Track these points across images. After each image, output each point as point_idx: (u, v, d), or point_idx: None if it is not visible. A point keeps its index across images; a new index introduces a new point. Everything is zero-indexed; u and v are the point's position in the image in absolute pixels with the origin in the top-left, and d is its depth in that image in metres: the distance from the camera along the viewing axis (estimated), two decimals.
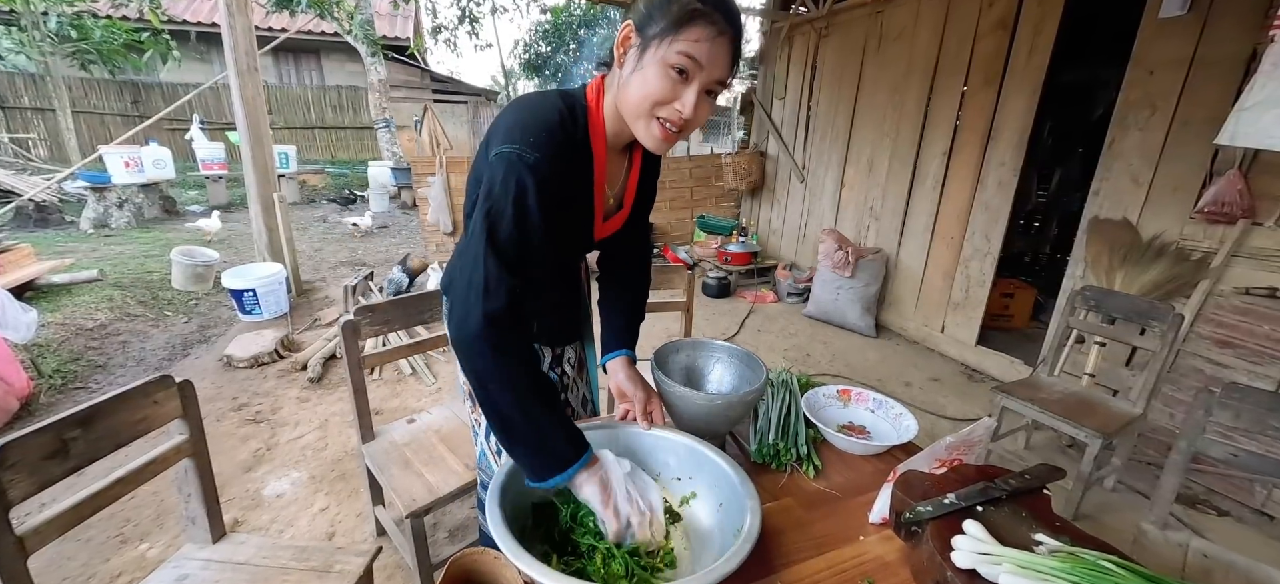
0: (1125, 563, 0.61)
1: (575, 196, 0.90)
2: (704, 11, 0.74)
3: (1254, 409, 1.25)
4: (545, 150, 0.79)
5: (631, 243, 1.13)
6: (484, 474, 1.22)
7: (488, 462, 1.19)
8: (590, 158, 0.89)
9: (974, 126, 3.21)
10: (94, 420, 0.91)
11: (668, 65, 0.76)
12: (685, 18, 0.74)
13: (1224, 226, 2.21)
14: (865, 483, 0.98)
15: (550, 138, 0.80)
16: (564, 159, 0.82)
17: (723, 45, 0.76)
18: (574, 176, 0.87)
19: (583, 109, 0.86)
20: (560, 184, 0.83)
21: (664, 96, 0.78)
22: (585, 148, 0.87)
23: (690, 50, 0.75)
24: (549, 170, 0.79)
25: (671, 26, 0.75)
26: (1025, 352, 3.17)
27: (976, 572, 0.62)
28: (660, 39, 0.75)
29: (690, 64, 0.75)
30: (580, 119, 0.86)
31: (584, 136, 0.87)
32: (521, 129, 0.80)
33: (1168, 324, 1.91)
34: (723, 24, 0.75)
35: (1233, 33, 2.15)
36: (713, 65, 0.77)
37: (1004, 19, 2.98)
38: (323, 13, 7.56)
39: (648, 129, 0.81)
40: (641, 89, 0.78)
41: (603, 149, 0.90)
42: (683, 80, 0.77)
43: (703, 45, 0.75)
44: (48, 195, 5.81)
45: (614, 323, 1.11)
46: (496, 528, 0.67)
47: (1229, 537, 1.97)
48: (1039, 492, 0.79)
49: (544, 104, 0.83)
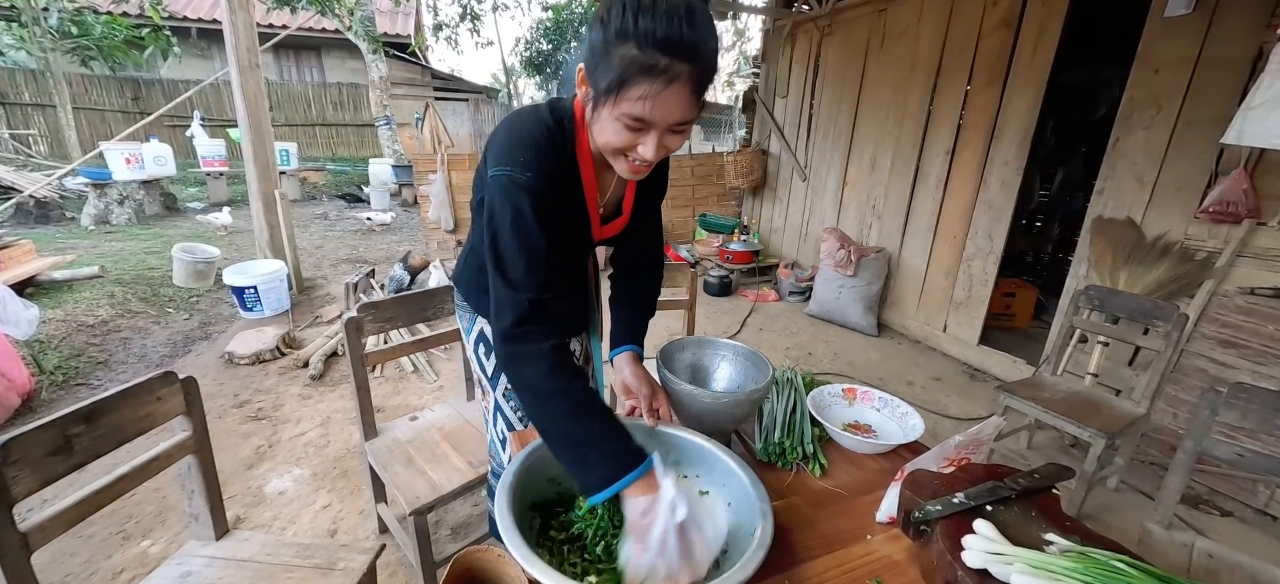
0: (1137, 562, 0.61)
1: (570, 206, 0.92)
2: (646, 64, 0.66)
3: (1260, 409, 1.24)
4: (535, 168, 0.81)
5: (643, 240, 1.12)
6: (494, 461, 1.22)
7: (496, 450, 1.19)
8: (578, 170, 0.90)
9: (977, 125, 3.21)
10: (97, 416, 0.90)
11: (619, 121, 0.73)
12: (626, 75, 0.68)
13: (1229, 226, 2.20)
14: (872, 482, 0.97)
15: (539, 155, 0.82)
16: (554, 172, 0.83)
17: (675, 91, 0.69)
18: (566, 187, 0.88)
19: (571, 122, 0.87)
20: (554, 196, 0.84)
21: (623, 145, 0.76)
22: (573, 161, 0.88)
23: (636, 111, 0.70)
24: (542, 186, 0.81)
25: (612, 87, 0.70)
26: (1027, 351, 3.16)
27: (988, 571, 0.62)
28: (607, 96, 0.72)
29: (639, 123, 0.72)
30: (568, 133, 0.86)
31: (571, 150, 0.87)
32: (512, 150, 0.82)
33: (1172, 324, 1.90)
34: (672, 67, 0.67)
35: (1238, 32, 2.14)
36: (667, 114, 0.71)
37: (1008, 17, 2.98)
38: (324, 10, 7.55)
39: (618, 165, 0.82)
40: (602, 137, 0.78)
41: (589, 162, 0.90)
42: (640, 129, 0.73)
43: (648, 103, 0.69)
44: (49, 192, 5.80)
45: (623, 317, 1.11)
46: (506, 529, 0.67)
47: (1232, 537, 1.97)
48: (1048, 491, 0.78)
49: (532, 121, 0.84)
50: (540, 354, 0.79)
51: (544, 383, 0.78)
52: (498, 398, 1.15)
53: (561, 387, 0.78)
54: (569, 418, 0.77)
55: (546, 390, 0.78)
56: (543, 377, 0.78)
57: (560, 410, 0.77)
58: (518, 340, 0.80)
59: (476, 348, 1.16)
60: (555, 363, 0.79)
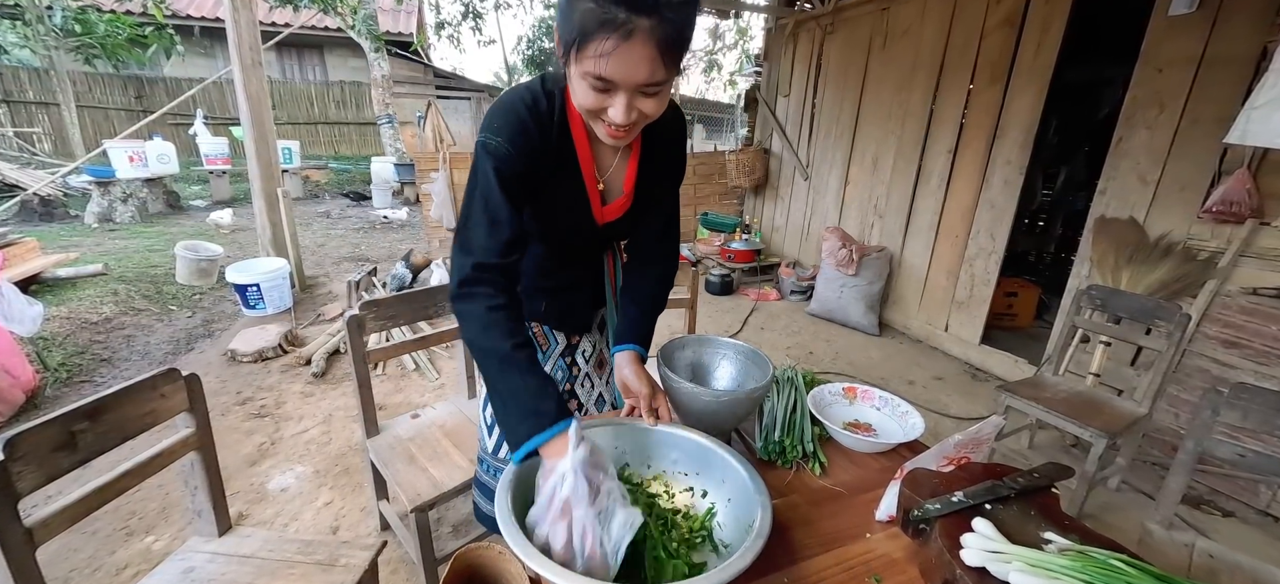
0: (1135, 562, 0.61)
1: (555, 179, 0.90)
2: (604, 18, 0.64)
3: (1262, 409, 1.24)
4: (507, 134, 0.82)
5: (654, 231, 1.09)
6: (480, 446, 1.22)
7: (483, 434, 1.20)
8: (571, 142, 0.89)
9: (980, 124, 3.20)
10: (102, 413, 0.91)
11: (583, 79, 0.71)
12: (584, 29, 0.66)
13: (1232, 226, 2.20)
14: (871, 481, 0.97)
15: (515, 121, 0.83)
16: (534, 141, 0.84)
17: (635, 46, 0.65)
18: (548, 159, 0.88)
19: (562, 94, 0.87)
20: (532, 165, 0.85)
21: (594, 106, 0.74)
22: (563, 131, 0.88)
23: (596, 68, 0.68)
24: (512, 153, 0.82)
25: (573, 42, 0.68)
26: (1029, 351, 3.16)
27: (986, 570, 0.62)
28: (568, 52, 0.70)
29: (601, 82, 0.70)
30: (558, 103, 0.87)
31: (561, 120, 0.87)
32: (491, 116, 0.85)
33: (1174, 324, 1.90)
34: (629, 21, 0.64)
35: (1243, 31, 2.13)
36: (630, 72, 0.68)
37: (1011, 16, 2.97)
38: (326, 8, 7.56)
39: (598, 129, 0.81)
40: (576, 99, 0.77)
41: (584, 134, 0.90)
42: (605, 90, 0.71)
43: (606, 60, 0.66)
44: (52, 189, 5.83)
45: (627, 313, 1.08)
46: (505, 524, 0.67)
47: (1234, 537, 1.97)
48: (1047, 490, 0.78)
49: (517, 91, 0.86)
50: (478, 313, 0.81)
51: (479, 339, 0.81)
52: None
53: (492, 344, 0.80)
54: (498, 374, 0.80)
55: (480, 347, 0.81)
56: (478, 333, 0.81)
57: (491, 366, 0.80)
58: (461, 299, 0.83)
59: None
60: (490, 320, 0.81)
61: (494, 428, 1.16)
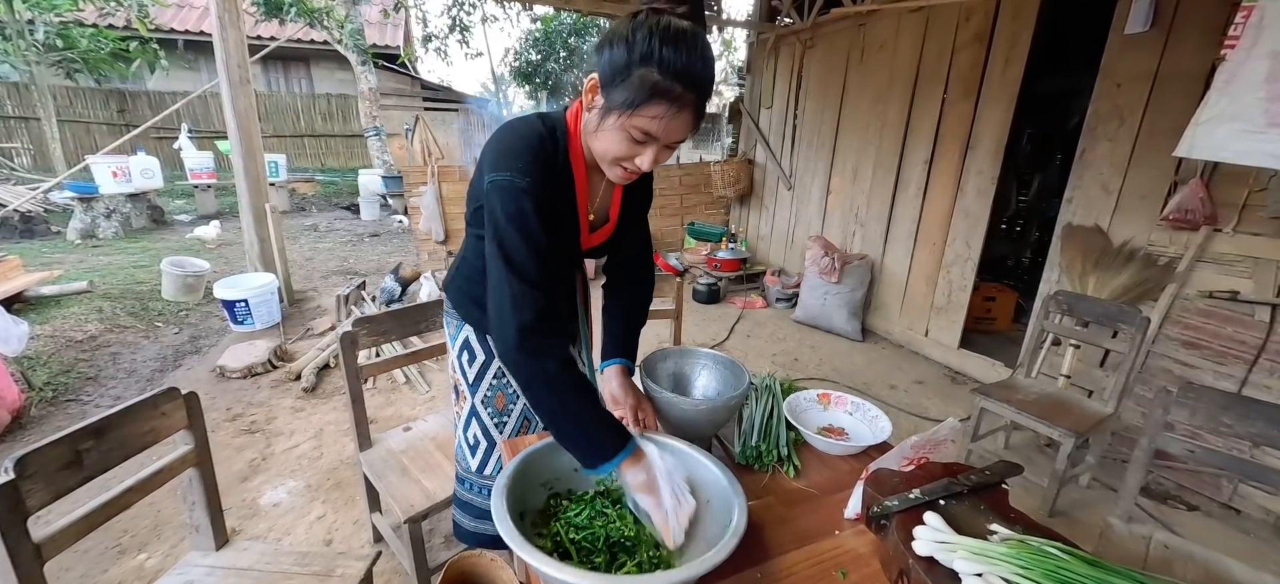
0: (1068, 549, 0.68)
1: (562, 211, 0.97)
2: (665, 88, 0.75)
3: (1208, 407, 1.33)
4: (533, 173, 0.87)
5: (631, 250, 1.18)
6: (459, 466, 1.26)
7: (464, 455, 1.24)
8: (571, 178, 0.96)
9: (954, 135, 3.32)
10: (106, 432, 0.95)
11: (627, 132, 0.81)
12: (646, 95, 0.76)
13: (1188, 233, 2.31)
14: (842, 481, 1.03)
15: (536, 160, 0.88)
16: (548, 178, 0.90)
17: (684, 116, 0.79)
18: (558, 193, 0.94)
19: (563, 132, 0.94)
20: (550, 201, 0.90)
21: (623, 155, 0.85)
22: (566, 168, 0.94)
23: (648, 127, 0.79)
24: (541, 188, 0.88)
25: (630, 102, 0.77)
26: (1007, 354, 3.26)
27: (934, 558, 0.68)
28: (620, 110, 0.79)
29: (647, 137, 0.81)
30: (561, 141, 0.93)
31: (564, 158, 0.94)
32: (510, 156, 0.88)
33: (1136, 327, 2.00)
34: (685, 96, 0.77)
35: (1193, 49, 2.26)
36: (672, 134, 0.81)
37: (981, 32, 3.09)
38: (313, 21, 7.58)
39: (611, 171, 0.90)
40: (602, 145, 0.86)
41: (582, 170, 0.97)
42: (644, 143, 0.82)
43: (660, 122, 0.78)
44: (33, 205, 5.76)
45: (612, 330, 1.16)
46: (502, 523, 0.73)
47: (1198, 530, 2.06)
48: (998, 486, 0.85)
49: (526, 129, 0.91)
50: (559, 347, 0.88)
51: (563, 374, 0.87)
52: (475, 404, 1.19)
53: (577, 379, 0.88)
54: (586, 403, 0.87)
55: (565, 381, 0.87)
56: (562, 368, 0.87)
57: (578, 399, 0.87)
58: (539, 335, 0.86)
59: (460, 355, 1.19)
60: (569, 357, 0.88)
61: (477, 448, 1.21)
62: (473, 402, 1.19)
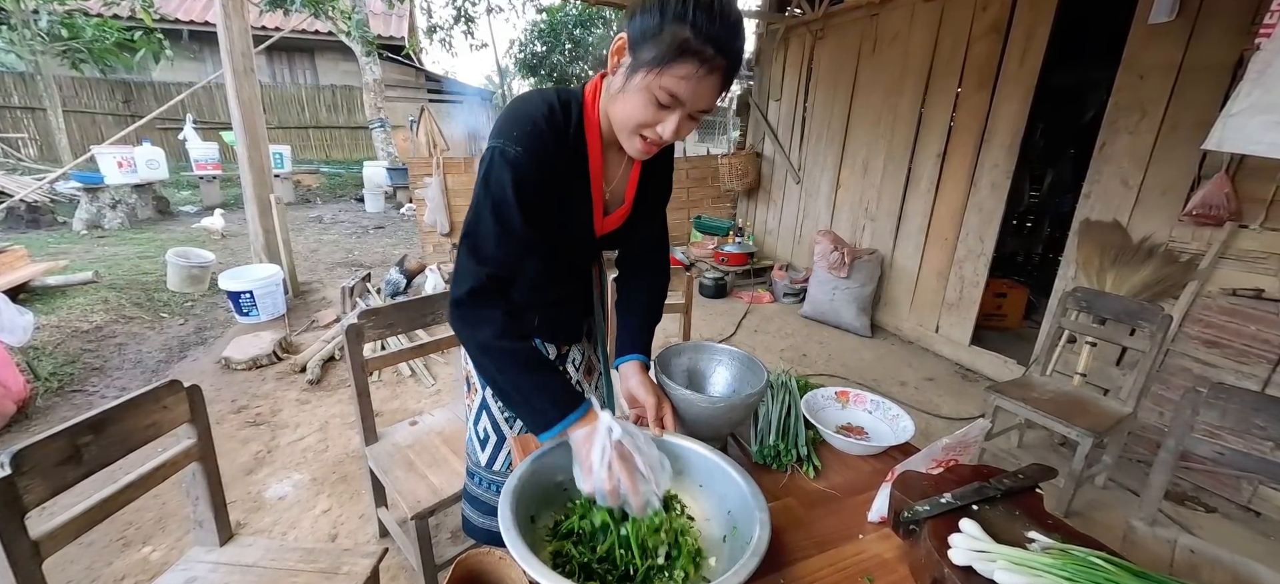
0: (1114, 559, 0.64)
1: (568, 191, 0.93)
2: (696, 49, 0.73)
3: (1239, 408, 1.28)
4: (527, 144, 0.84)
5: (647, 242, 1.14)
6: (469, 460, 1.23)
7: (474, 449, 1.21)
8: (584, 154, 0.91)
9: (968, 128, 3.25)
10: (106, 426, 0.92)
11: (652, 94, 0.77)
12: (676, 53, 0.73)
13: (1211, 229, 2.25)
14: (863, 483, 1.00)
15: (533, 132, 0.84)
16: (550, 153, 0.86)
17: (712, 80, 0.76)
18: (564, 171, 0.90)
19: (578, 106, 0.90)
20: (547, 177, 0.87)
21: (646, 121, 0.81)
22: (578, 144, 0.90)
23: (675, 88, 0.76)
24: (530, 162, 0.84)
25: (660, 59, 0.74)
26: (1018, 351, 3.21)
27: (973, 568, 0.64)
28: (649, 67, 0.76)
29: (673, 100, 0.77)
30: (574, 116, 0.89)
31: (577, 132, 0.89)
32: (509, 123, 0.85)
33: (1156, 325, 1.95)
34: (715, 59, 0.74)
35: (1220, 39, 2.19)
36: (698, 99, 0.77)
37: (997, 23, 3.02)
38: (317, 12, 7.53)
39: (630, 142, 0.86)
40: (625, 109, 0.82)
41: (598, 146, 0.93)
42: (667, 108, 0.79)
43: (689, 83, 0.75)
44: (39, 196, 5.76)
45: (627, 324, 1.12)
46: (507, 530, 0.69)
47: (1217, 533, 2.02)
48: (1032, 490, 0.81)
49: (533, 100, 0.88)
50: (494, 317, 0.86)
51: (497, 342, 0.86)
52: (486, 397, 1.15)
53: (513, 345, 0.87)
54: (522, 371, 0.86)
55: (499, 348, 0.86)
56: (496, 336, 0.86)
57: (514, 365, 0.86)
58: (472, 307, 0.86)
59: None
60: (507, 324, 0.87)
61: (487, 442, 1.17)
62: (483, 394, 1.16)
